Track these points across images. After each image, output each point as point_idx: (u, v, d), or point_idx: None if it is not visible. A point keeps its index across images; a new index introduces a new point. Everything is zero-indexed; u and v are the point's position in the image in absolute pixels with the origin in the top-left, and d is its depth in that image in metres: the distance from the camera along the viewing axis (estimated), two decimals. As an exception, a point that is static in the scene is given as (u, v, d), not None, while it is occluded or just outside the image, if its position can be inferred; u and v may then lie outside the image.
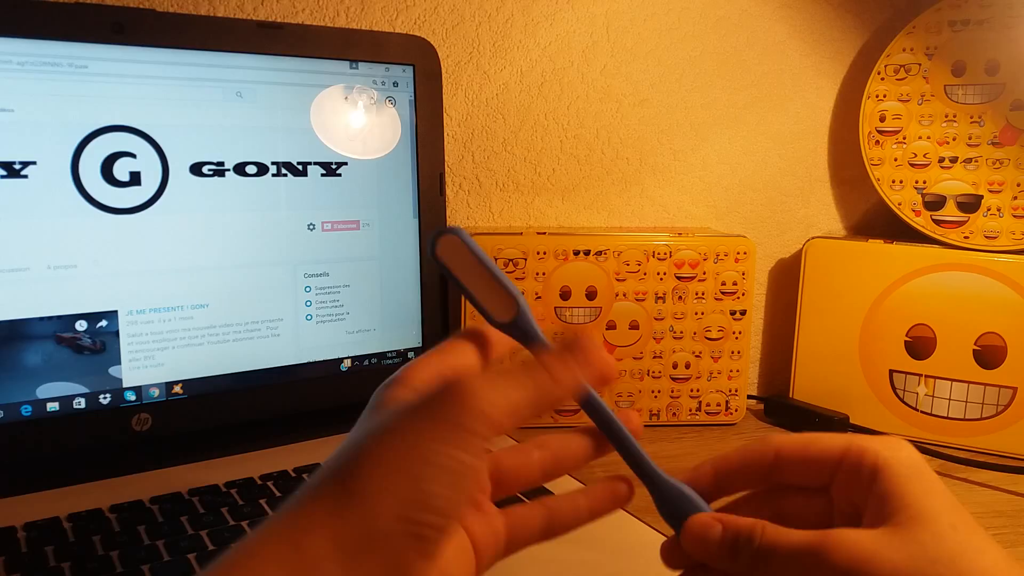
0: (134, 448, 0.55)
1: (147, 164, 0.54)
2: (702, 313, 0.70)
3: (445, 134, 0.71)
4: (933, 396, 0.71)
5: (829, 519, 0.33)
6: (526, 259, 0.68)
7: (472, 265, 0.32)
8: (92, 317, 0.53)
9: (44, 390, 0.52)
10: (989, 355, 0.68)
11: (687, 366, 0.71)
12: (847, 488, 0.32)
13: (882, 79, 0.75)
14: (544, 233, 0.69)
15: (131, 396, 0.55)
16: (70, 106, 0.52)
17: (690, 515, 0.33)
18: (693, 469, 0.35)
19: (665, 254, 0.69)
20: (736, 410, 0.72)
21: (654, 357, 0.70)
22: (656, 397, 0.71)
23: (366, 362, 0.63)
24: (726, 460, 0.35)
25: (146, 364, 0.55)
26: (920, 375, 0.71)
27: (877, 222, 0.84)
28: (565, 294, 0.69)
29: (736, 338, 0.71)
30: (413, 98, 0.63)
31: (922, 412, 0.71)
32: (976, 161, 0.72)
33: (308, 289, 0.60)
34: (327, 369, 0.61)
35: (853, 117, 0.78)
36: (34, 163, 0.51)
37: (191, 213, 0.55)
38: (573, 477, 0.54)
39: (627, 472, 0.37)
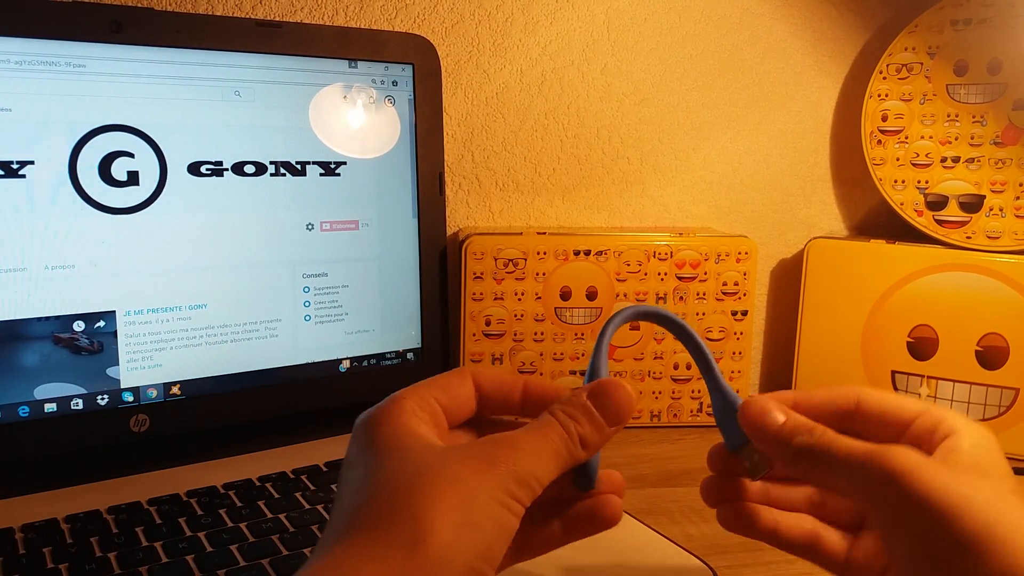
0: (132, 449, 0.54)
1: (145, 164, 0.54)
2: (703, 314, 0.70)
3: (445, 133, 0.71)
4: (935, 397, 0.70)
5: None
6: (526, 259, 0.68)
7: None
8: (90, 317, 0.53)
9: (42, 391, 0.52)
10: (991, 356, 0.68)
11: (688, 367, 0.71)
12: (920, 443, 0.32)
13: (884, 78, 0.75)
14: (544, 233, 0.69)
15: (129, 397, 0.54)
16: (68, 105, 0.51)
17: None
18: (774, 395, 0.35)
19: (666, 254, 0.69)
20: (737, 411, 0.72)
21: (655, 358, 0.70)
22: (657, 398, 0.71)
23: (365, 363, 0.62)
24: (809, 396, 0.36)
25: (144, 365, 0.55)
26: (922, 376, 0.71)
27: (879, 222, 0.83)
28: (565, 294, 0.68)
29: (737, 339, 0.71)
30: (412, 97, 0.63)
31: (924, 413, 0.71)
32: (978, 161, 0.72)
33: (307, 289, 0.60)
34: (326, 370, 0.61)
35: (855, 116, 0.78)
36: (32, 163, 0.50)
37: (189, 213, 0.55)
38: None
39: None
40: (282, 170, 0.58)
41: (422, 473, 0.27)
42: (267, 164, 0.58)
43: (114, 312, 0.53)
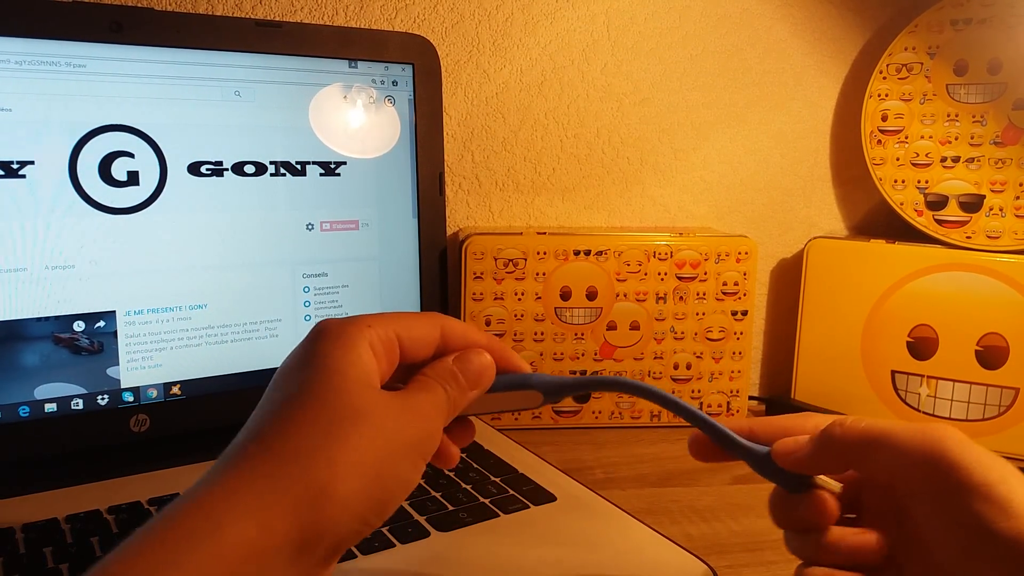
0: (132, 449, 0.54)
1: (145, 164, 0.54)
2: (703, 313, 0.70)
3: (445, 133, 0.71)
4: (935, 397, 0.70)
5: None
6: (526, 259, 0.68)
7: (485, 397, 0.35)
8: (90, 317, 0.53)
9: (42, 391, 0.52)
10: (991, 356, 0.68)
11: (688, 367, 0.71)
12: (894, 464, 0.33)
13: (884, 78, 0.75)
14: (544, 233, 0.69)
15: (129, 397, 0.54)
16: (68, 105, 0.51)
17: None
18: (732, 422, 0.37)
19: (666, 254, 0.69)
20: (737, 411, 0.72)
21: (655, 358, 0.70)
22: (657, 397, 0.71)
23: (365, 362, 0.62)
24: (766, 422, 0.37)
25: (144, 365, 0.55)
26: (922, 376, 0.71)
27: (879, 222, 0.83)
28: (565, 294, 0.68)
29: (737, 339, 0.71)
30: (412, 97, 0.63)
31: (924, 413, 0.71)
32: (978, 161, 0.72)
33: (307, 289, 0.60)
34: (326, 369, 0.61)
35: (855, 116, 0.78)
36: (32, 163, 0.50)
37: (189, 213, 0.55)
38: (573, 478, 0.54)
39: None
40: (282, 170, 0.58)
41: (349, 418, 0.28)
42: (267, 164, 0.58)
43: (114, 312, 0.54)
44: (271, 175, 0.58)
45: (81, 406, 0.53)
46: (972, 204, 0.72)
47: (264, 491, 0.26)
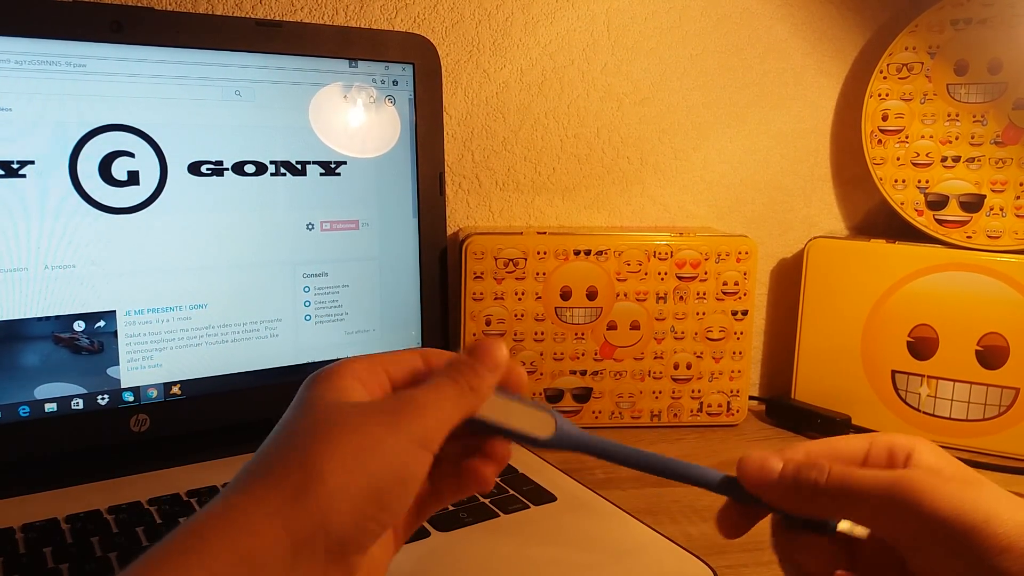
0: (132, 449, 0.54)
1: (145, 163, 0.54)
2: (703, 313, 0.70)
3: (445, 133, 0.71)
4: (935, 397, 0.70)
5: None
6: (526, 259, 0.68)
7: (498, 402, 0.34)
8: (90, 317, 0.53)
9: (42, 391, 0.52)
10: (991, 355, 0.68)
11: (688, 367, 0.71)
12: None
13: (884, 78, 0.75)
14: (544, 233, 0.69)
15: (129, 397, 0.54)
16: (68, 105, 0.51)
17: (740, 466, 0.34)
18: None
19: (666, 254, 0.69)
20: (737, 411, 0.72)
21: (655, 358, 0.70)
22: (657, 398, 0.71)
23: (366, 362, 0.62)
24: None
25: (144, 365, 0.55)
26: (922, 376, 0.71)
27: (879, 222, 0.83)
28: (565, 294, 0.68)
29: (737, 338, 0.71)
30: (413, 97, 0.63)
31: (924, 413, 0.71)
32: (979, 160, 0.72)
33: (307, 289, 0.60)
34: (326, 369, 0.61)
35: (855, 116, 0.78)
36: (32, 162, 0.50)
37: (189, 213, 0.55)
38: (573, 478, 0.54)
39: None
40: (282, 170, 0.58)
41: (321, 422, 0.29)
42: (267, 164, 0.58)
43: (114, 312, 0.54)
44: (271, 175, 0.58)
45: (81, 406, 0.53)
46: (972, 204, 0.72)
47: (251, 502, 0.27)
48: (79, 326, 0.53)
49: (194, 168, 0.55)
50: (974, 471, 0.32)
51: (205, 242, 0.56)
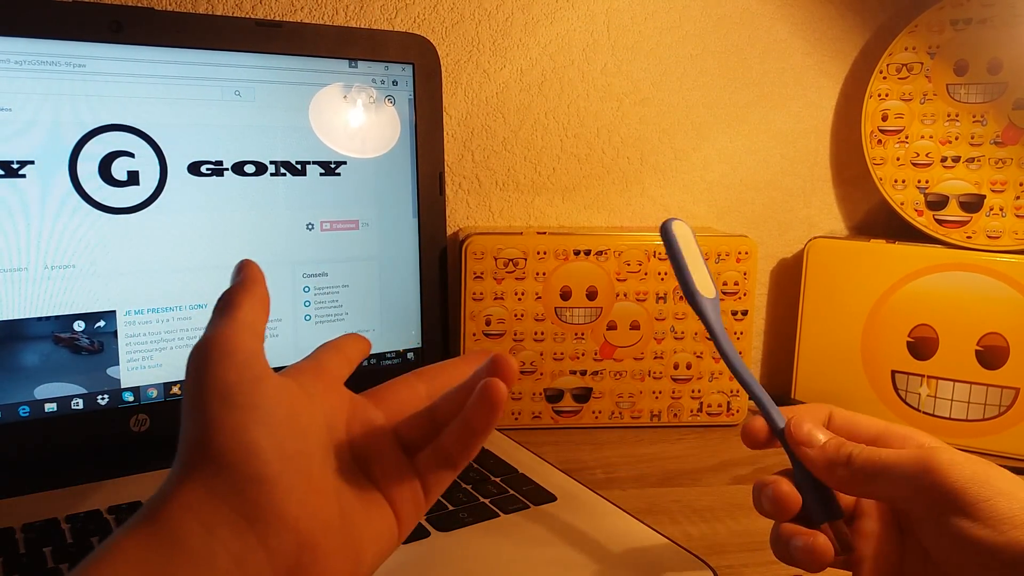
0: (132, 449, 0.54)
1: (145, 163, 0.54)
2: (703, 313, 0.70)
3: (445, 133, 0.71)
4: (935, 397, 0.70)
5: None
6: (526, 259, 0.68)
7: (692, 250, 0.42)
8: (90, 317, 0.53)
9: (42, 391, 0.52)
10: (991, 356, 0.68)
11: (688, 367, 0.71)
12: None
13: (884, 78, 0.75)
14: (544, 233, 0.69)
15: (129, 397, 0.54)
16: (68, 105, 0.51)
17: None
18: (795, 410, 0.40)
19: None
20: (737, 411, 0.72)
21: (655, 358, 0.70)
22: (657, 398, 0.71)
23: (365, 363, 0.62)
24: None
25: (144, 364, 0.55)
26: (922, 376, 0.71)
27: (879, 222, 0.83)
28: (565, 294, 0.68)
29: (737, 338, 0.71)
30: (412, 97, 0.63)
31: (924, 413, 0.71)
32: (979, 160, 0.72)
33: (307, 289, 0.60)
34: (326, 369, 0.61)
35: (855, 116, 0.78)
36: (32, 162, 0.50)
37: (189, 213, 0.55)
38: (573, 478, 0.54)
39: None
40: (282, 170, 0.58)
41: (255, 408, 0.31)
42: (267, 164, 0.58)
43: (114, 312, 0.54)
44: (271, 175, 0.58)
45: (81, 406, 0.53)
46: (972, 204, 0.72)
47: (204, 496, 0.29)
48: (79, 326, 0.53)
49: (194, 168, 0.55)
50: (996, 471, 0.34)
51: (205, 242, 0.56)
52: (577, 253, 0.68)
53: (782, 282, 0.83)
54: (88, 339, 0.53)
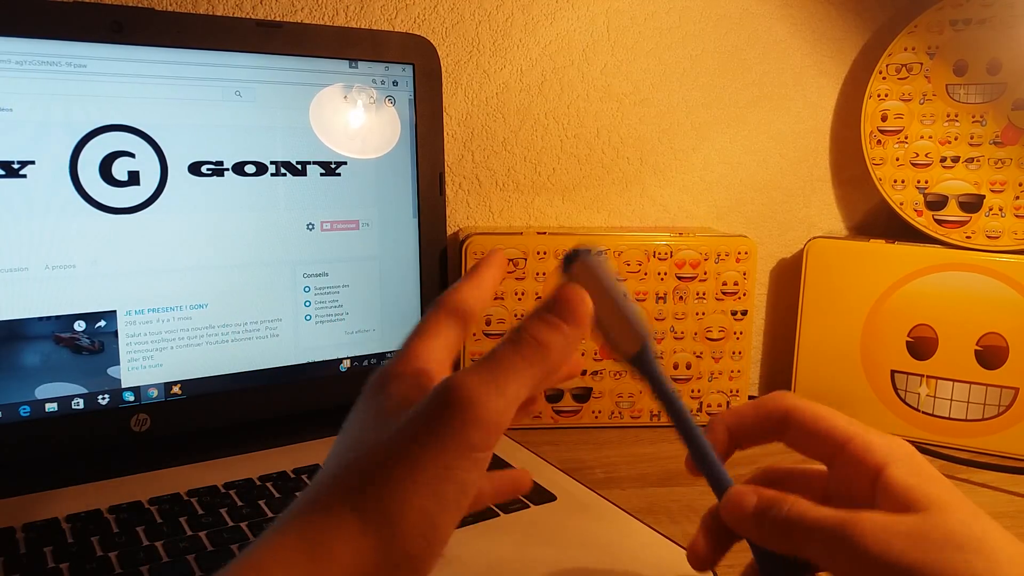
0: (133, 449, 0.54)
1: (146, 164, 0.54)
2: (703, 313, 0.70)
3: (445, 133, 0.71)
4: (934, 396, 0.71)
5: (826, 502, 0.33)
6: (526, 259, 0.68)
7: (600, 290, 0.31)
8: (91, 317, 0.53)
9: (43, 390, 0.52)
10: (991, 355, 0.68)
11: (688, 366, 0.71)
12: (847, 475, 0.33)
13: (884, 78, 0.75)
14: (544, 233, 0.69)
15: (130, 396, 0.55)
16: (69, 105, 0.51)
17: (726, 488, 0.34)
18: (708, 430, 0.37)
19: (666, 254, 0.69)
20: (737, 410, 0.72)
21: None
22: (657, 397, 0.71)
23: (365, 362, 0.63)
24: (739, 418, 0.37)
25: (145, 364, 0.55)
26: (922, 375, 0.71)
27: (879, 222, 0.84)
28: (565, 294, 0.68)
29: (737, 338, 0.71)
30: (413, 97, 0.63)
31: (923, 413, 0.71)
32: (978, 161, 0.72)
33: (307, 289, 0.60)
34: (326, 369, 0.61)
35: (855, 116, 0.78)
36: (33, 163, 0.50)
37: (190, 213, 0.55)
38: (573, 478, 0.54)
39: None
40: (283, 170, 0.58)
41: (389, 437, 0.27)
42: (268, 164, 0.58)
43: (115, 312, 0.54)
44: (272, 175, 0.58)
45: (82, 406, 0.53)
46: (972, 204, 0.72)
47: (326, 534, 0.26)
48: (80, 326, 0.53)
49: (194, 168, 0.55)
50: (948, 490, 0.31)
51: (205, 242, 0.56)
52: (577, 253, 0.68)
53: (782, 282, 0.83)
54: (89, 339, 0.53)
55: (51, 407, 0.52)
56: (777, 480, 0.37)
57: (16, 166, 0.50)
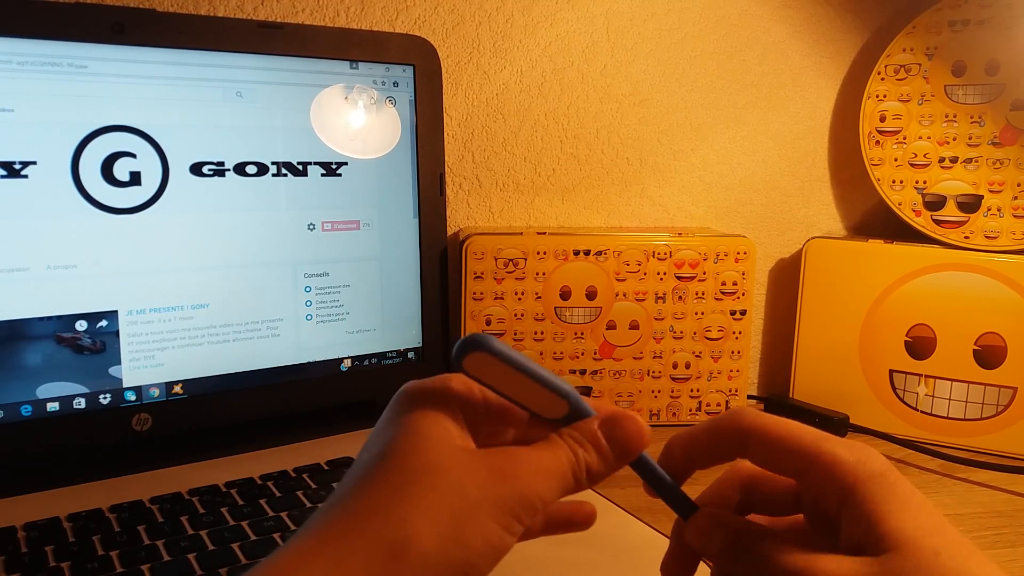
0: (134, 448, 0.55)
1: (147, 164, 0.54)
2: (702, 313, 0.70)
3: (445, 134, 0.71)
4: (933, 396, 0.71)
5: (796, 510, 0.33)
6: (526, 259, 0.68)
7: (507, 372, 0.30)
8: (92, 317, 0.53)
9: (44, 390, 0.52)
10: (989, 355, 0.68)
11: (687, 366, 0.71)
12: (816, 491, 0.31)
13: (882, 79, 0.75)
14: (544, 233, 0.69)
15: (131, 396, 0.55)
16: (70, 106, 0.52)
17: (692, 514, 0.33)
18: (663, 454, 0.35)
19: (665, 254, 0.69)
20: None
21: (654, 357, 0.70)
22: (656, 397, 0.71)
23: (366, 362, 0.63)
24: (694, 440, 0.35)
25: (146, 364, 0.55)
26: (920, 375, 0.71)
27: (877, 222, 0.84)
28: (565, 294, 0.69)
29: (736, 338, 0.71)
30: (413, 98, 0.63)
31: (922, 412, 0.71)
32: (976, 161, 0.72)
33: (308, 289, 0.60)
34: (327, 369, 0.61)
35: (853, 117, 0.78)
36: (34, 163, 0.51)
37: (191, 213, 0.55)
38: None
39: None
40: (283, 170, 0.58)
41: (425, 476, 0.27)
42: (269, 164, 0.58)
43: (116, 312, 0.54)
44: (273, 175, 0.58)
45: (83, 405, 0.53)
46: (970, 204, 0.72)
47: (337, 550, 0.26)
48: (81, 326, 0.53)
49: (196, 169, 0.55)
50: (914, 521, 0.28)
51: (207, 242, 0.56)
52: (577, 253, 0.68)
53: (781, 282, 0.83)
54: (90, 339, 0.53)
55: (53, 407, 0.52)
56: (751, 485, 0.35)
57: (18, 166, 0.50)
